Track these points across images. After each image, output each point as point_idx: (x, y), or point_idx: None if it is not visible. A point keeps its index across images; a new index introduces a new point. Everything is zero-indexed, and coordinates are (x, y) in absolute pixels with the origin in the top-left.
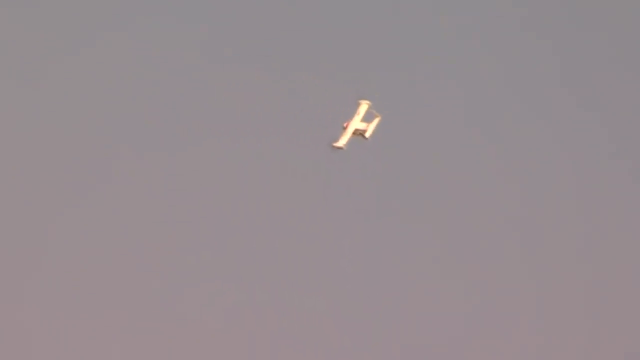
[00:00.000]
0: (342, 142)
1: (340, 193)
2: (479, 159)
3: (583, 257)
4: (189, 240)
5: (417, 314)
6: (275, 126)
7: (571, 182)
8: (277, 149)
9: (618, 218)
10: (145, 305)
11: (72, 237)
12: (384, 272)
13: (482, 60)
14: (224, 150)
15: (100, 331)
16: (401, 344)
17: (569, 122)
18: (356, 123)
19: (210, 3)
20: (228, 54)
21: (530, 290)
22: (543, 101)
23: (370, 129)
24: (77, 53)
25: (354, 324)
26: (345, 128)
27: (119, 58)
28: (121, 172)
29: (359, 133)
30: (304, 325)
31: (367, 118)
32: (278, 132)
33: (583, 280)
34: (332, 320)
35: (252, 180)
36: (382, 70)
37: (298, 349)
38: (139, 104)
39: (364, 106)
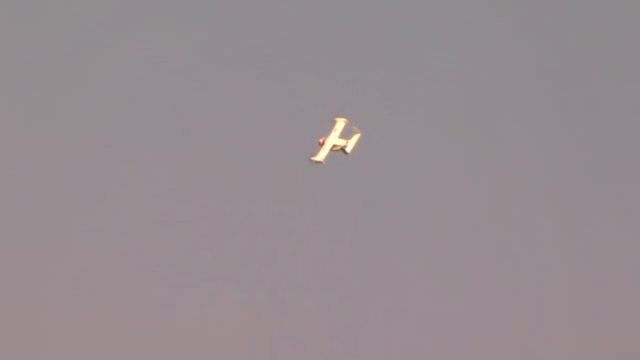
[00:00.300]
0: (320, 156)
1: (339, 194)
2: (470, 164)
3: (579, 257)
4: (188, 241)
5: (398, 313)
6: (274, 128)
7: (555, 183)
8: (276, 152)
9: (617, 218)
10: (145, 305)
11: (73, 237)
12: (380, 271)
13: (469, 69)
14: (224, 151)
15: (100, 331)
16: (390, 343)
17: (565, 122)
18: (334, 139)
19: (208, 4)
20: (227, 54)
21: (515, 300)
22: (533, 107)
23: (350, 144)
24: (77, 53)
25: (349, 324)
26: (321, 144)
27: (118, 58)
28: (121, 173)
29: (339, 148)
30: (301, 324)
31: (344, 135)
32: (278, 134)
33: (580, 280)
34: (328, 320)
35: (252, 182)
36: (365, 76)
37: (297, 349)
38: (139, 105)
39: (340, 123)
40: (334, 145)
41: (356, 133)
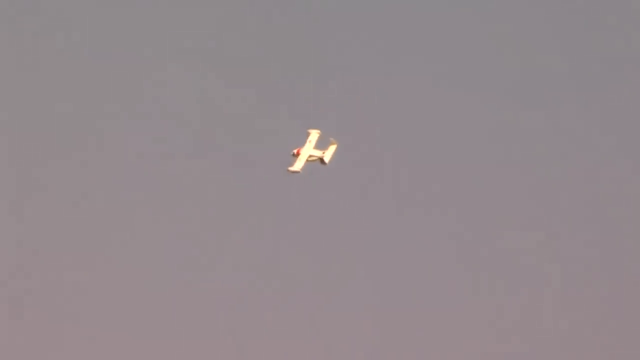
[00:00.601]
0: (297, 166)
1: (321, 203)
2: (454, 172)
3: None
4: (180, 248)
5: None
6: (274, 134)
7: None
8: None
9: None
10: (146, 305)
11: (75, 238)
12: (382, 273)
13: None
14: (226, 157)
15: (100, 332)
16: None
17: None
18: (309, 150)
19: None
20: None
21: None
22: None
23: (327, 155)
24: (76, 56)
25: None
26: (296, 154)
27: (113, 58)
28: (123, 177)
29: (315, 159)
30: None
31: (318, 146)
32: (274, 140)
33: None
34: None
35: (232, 191)
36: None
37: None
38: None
39: (314, 134)
40: (310, 156)
41: (332, 144)
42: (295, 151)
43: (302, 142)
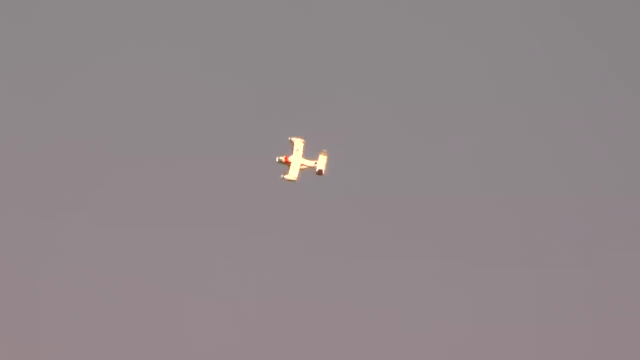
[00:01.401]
0: (293, 175)
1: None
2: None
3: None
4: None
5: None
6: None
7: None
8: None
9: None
10: (145, 307)
11: (76, 239)
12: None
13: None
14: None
15: (99, 333)
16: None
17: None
18: (299, 159)
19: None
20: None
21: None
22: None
23: (321, 164)
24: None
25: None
26: (284, 162)
27: (107, 61)
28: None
29: (307, 168)
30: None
31: (306, 155)
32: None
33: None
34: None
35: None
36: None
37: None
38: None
39: (299, 142)
40: (302, 165)
41: (323, 154)
42: (283, 158)
43: (284, 149)
